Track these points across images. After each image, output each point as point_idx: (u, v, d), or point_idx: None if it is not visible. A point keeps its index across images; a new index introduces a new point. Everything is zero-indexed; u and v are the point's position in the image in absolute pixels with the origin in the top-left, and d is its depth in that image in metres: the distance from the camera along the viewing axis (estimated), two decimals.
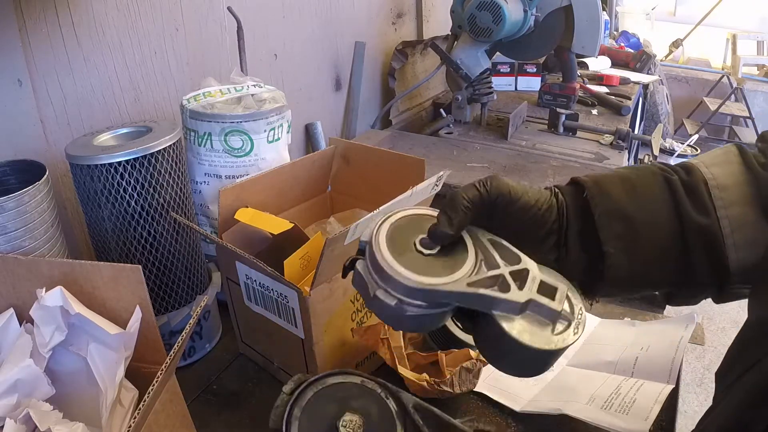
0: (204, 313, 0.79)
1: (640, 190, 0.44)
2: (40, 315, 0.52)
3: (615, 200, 0.43)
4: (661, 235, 0.42)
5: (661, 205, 0.43)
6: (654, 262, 0.43)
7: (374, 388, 0.42)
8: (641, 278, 0.44)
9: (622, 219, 0.43)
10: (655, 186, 0.44)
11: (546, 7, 1.61)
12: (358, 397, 0.41)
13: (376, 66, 1.76)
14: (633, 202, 0.43)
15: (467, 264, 0.41)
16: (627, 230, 0.42)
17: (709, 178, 0.43)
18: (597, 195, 0.44)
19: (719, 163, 0.44)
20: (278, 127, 0.84)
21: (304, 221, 0.89)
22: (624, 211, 0.43)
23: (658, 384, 0.65)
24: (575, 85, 1.81)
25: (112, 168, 0.65)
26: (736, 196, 0.42)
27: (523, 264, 0.41)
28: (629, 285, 0.45)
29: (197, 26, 1.04)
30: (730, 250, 0.41)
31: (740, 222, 0.41)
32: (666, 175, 0.44)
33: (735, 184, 0.42)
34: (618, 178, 0.45)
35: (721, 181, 0.42)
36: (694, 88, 4.56)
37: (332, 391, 0.41)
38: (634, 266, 0.43)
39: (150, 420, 0.48)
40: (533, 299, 0.40)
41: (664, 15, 4.95)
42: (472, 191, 0.43)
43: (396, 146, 1.54)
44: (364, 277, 0.41)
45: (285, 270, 0.62)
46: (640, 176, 0.45)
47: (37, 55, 0.78)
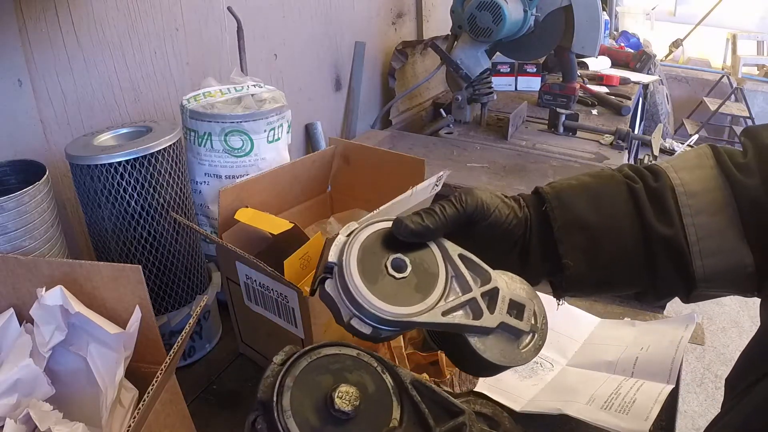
0: (204, 313, 0.79)
1: (604, 200, 0.44)
2: (40, 314, 0.52)
3: (576, 212, 0.43)
4: (623, 246, 0.42)
5: (625, 216, 0.43)
6: (617, 271, 0.43)
7: (370, 362, 0.41)
8: (605, 285, 0.45)
9: (583, 230, 0.43)
10: (618, 196, 0.43)
11: (546, 7, 1.61)
12: (353, 370, 0.40)
13: (376, 66, 1.76)
14: (595, 213, 0.43)
15: (439, 285, 0.42)
16: (588, 241, 0.43)
17: (677, 184, 0.42)
18: (557, 207, 0.44)
19: (690, 167, 0.43)
20: (278, 127, 0.84)
21: (304, 221, 0.89)
22: (585, 221, 0.43)
23: (658, 384, 0.65)
24: (575, 85, 1.81)
25: (112, 168, 0.65)
26: (705, 204, 0.41)
27: (493, 282, 0.42)
28: (593, 291, 0.46)
29: (197, 26, 1.04)
30: (695, 257, 0.41)
31: (707, 230, 0.40)
32: (630, 184, 0.44)
33: (704, 191, 0.41)
34: (581, 188, 0.45)
35: (689, 188, 0.42)
36: (694, 88, 4.57)
37: (326, 362, 0.41)
38: (595, 275, 0.43)
39: (150, 420, 0.48)
40: (504, 322, 0.41)
41: (664, 15, 4.95)
42: (450, 206, 0.43)
43: (396, 146, 1.54)
44: (335, 300, 0.41)
45: (285, 270, 0.62)
46: (603, 185, 0.45)
47: (37, 55, 0.78)
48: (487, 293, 0.42)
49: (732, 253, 0.40)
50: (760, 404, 0.36)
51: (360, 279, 0.40)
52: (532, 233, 0.45)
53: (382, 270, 0.41)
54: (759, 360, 0.39)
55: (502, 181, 1.32)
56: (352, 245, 0.41)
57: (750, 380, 0.38)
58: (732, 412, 0.39)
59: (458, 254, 0.43)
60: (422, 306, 0.40)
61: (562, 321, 0.84)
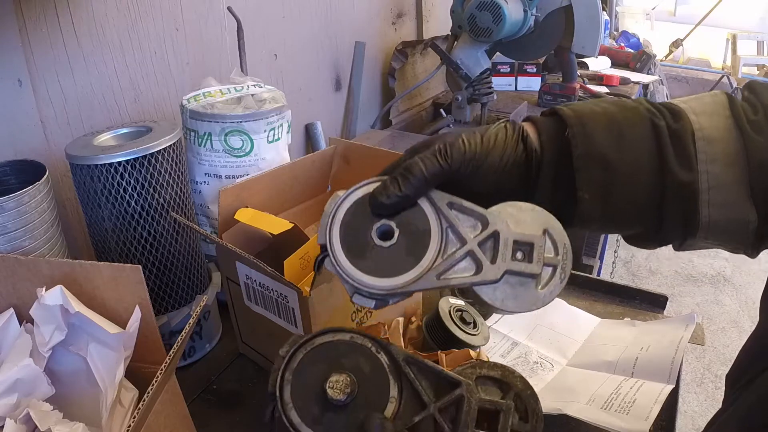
0: (204, 313, 0.79)
1: (627, 136, 0.41)
2: (40, 314, 0.52)
3: (598, 144, 0.40)
4: (639, 188, 0.40)
5: (646, 156, 0.40)
6: (627, 213, 0.41)
7: (364, 343, 0.40)
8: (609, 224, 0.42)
9: (602, 164, 0.40)
10: (642, 132, 0.41)
11: (546, 7, 1.61)
12: (347, 355, 0.40)
13: (376, 66, 1.76)
14: (616, 148, 0.40)
15: (432, 243, 0.39)
16: (606, 177, 0.40)
17: (696, 128, 0.41)
18: (580, 135, 0.40)
19: (708, 113, 0.42)
20: (278, 127, 0.84)
21: (304, 221, 0.89)
22: (606, 158, 0.40)
23: (658, 384, 0.65)
24: (575, 85, 1.82)
25: (112, 168, 0.65)
26: (720, 153, 0.40)
27: (492, 225, 0.39)
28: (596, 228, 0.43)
29: (197, 26, 1.05)
30: (703, 206, 0.40)
31: (718, 180, 0.39)
32: (654, 121, 0.41)
33: (721, 140, 0.40)
34: (606, 118, 0.42)
35: (707, 133, 0.40)
36: (694, 88, 4.56)
37: (321, 351, 0.41)
38: (605, 214, 0.41)
39: (150, 420, 0.48)
40: (509, 269, 0.38)
41: (664, 15, 4.95)
42: (432, 162, 0.39)
43: (396, 146, 1.54)
44: (336, 275, 0.40)
45: (285, 270, 0.62)
46: (628, 118, 0.42)
47: (37, 55, 0.78)
48: (486, 240, 0.39)
49: (737, 207, 0.39)
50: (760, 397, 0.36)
51: (345, 259, 0.38)
52: (543, 162, 0.41)
53: (369, 242, 0.39)
54: (759, 355, 0.39)
55: None
56: (333, 224, 0.40)
57: (750, 375, 0.38)
58: (733, 407, 0.39)
59: (446, 202, 0.40)
60: (416, 272, 0.38)
61: (562, 321, 0.84)
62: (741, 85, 4.14)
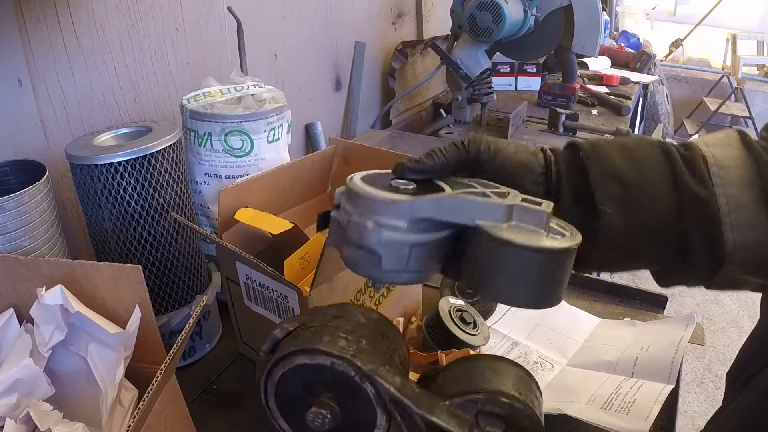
0: (204, 313, 0.79)
1: (638, 156, 0.42)
2: (40, 314, 0.52)
3: (612, 162, 0.42)
4: (657, 203, 0.41)
5: (659, 173, 0.42)
6: (649, 229, 0.42)
7: (347, 371, 0.37)
8: (635, 245, 0.42)
9: (618, 181, 0.41)
10: (654, 155, 0.43)
11: (546, 7, 1.61)
12: (329, 384, 0.38)
13: (376, 66, 1.76)
14: (630, 167, 0.42)
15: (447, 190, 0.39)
16: (623, 193, 0.41)
17: (708, 155, 0.42)
18: (593, 156, 0.42)
19: (720, 144, 0.43)
20: (278, 127, 0.84)
21: (304, 221, 0.89)
22: (621, 174, 0.41)
23: (658, 384, 0.65)
24: (575, 85, 1.82)
25: (112, 168, 0.65)
26: (735, 177, 0.41)
27: (505, 189, 0.39)
28: (624, 250, 0.42)
29: (197, 26, 1.05)
30: (726, 229, 0.40)
31: (738, 203, 0.40)
32: (664, 147, 0.43)
33: (734, 166, 0.41)
34: (616, 144, 0.44)
35: (720, 161, 0.41)
36: (694, 88, 4.57)
37: (301, 374, 0.38)
38: (628, 230, 0.41)
39: (150, 420, 0.48)
40: (517, 204, 0.37)
41: (664, 15, 4.95)
42: (451, 148, 0.42)
43: (396, 146, 1.54)
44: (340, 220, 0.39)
45: (285, 270, 0.62)
46: (638, 145, 0.44)
47: (37, 55, 0.78)
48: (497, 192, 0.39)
49: (762, 228, 0.40)
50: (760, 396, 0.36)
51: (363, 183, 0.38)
52: (561, 179, 0.43)
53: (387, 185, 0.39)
54: (758, 353, 0.39)
55: None
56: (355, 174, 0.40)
57: (750, 373, 0.38)
58: (733, 405, 0.39)
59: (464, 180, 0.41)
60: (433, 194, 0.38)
61: (562, 321, 0.84)
62: (741, 84, 4.14)
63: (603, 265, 0.44)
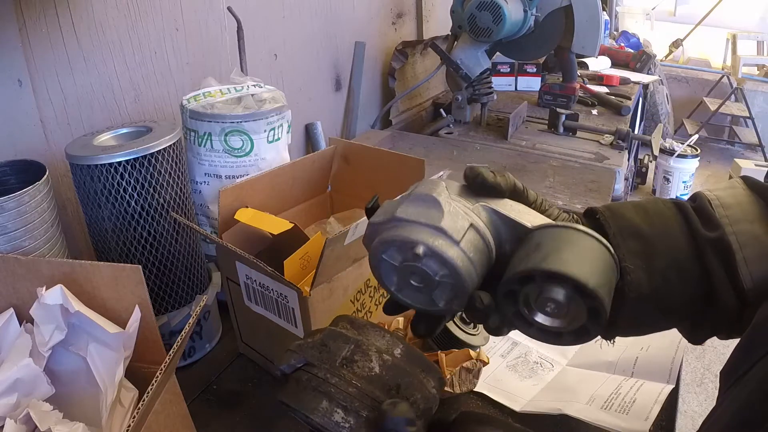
0: (204, 313, 0.79)
1: (652, 212, 0.45)
2: (40, 314, 0.52)
3: (628, 220, 0.44)
4: (677, 253, 0.43)
5: (674, 224, 0.44)
6: (674, 280, 0.43)
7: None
8: (663, 300, 0.43)
9: (637, 237, 0.43)
10: (666, 209, 0.45)
11: (546, 7, 1.61)
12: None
13: (376, 66, 1.76)
14: (646, 222, 0.44)
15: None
16: (643, 248, 0.43)
17: (712, 198, 0.44)
18: (609, 217, 0.45)
19: (723, 188, 0.46)
20: (278, 127, 0.84)
21: (304, 221, 0.89)
22: (638, 229, 0.43)
23: (658, 384, 0.65)
24: (575, 85, 1.81)
25: (112, 168, 0.65)
26: (741, 214, 0.43)
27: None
28: (653, 307, 0.43)
29: (197, 26, 1.04)
30: (741, 265, 0.41)
31: (748, 237, 0.42)
32: (677, 202, 0.46)
33: (738, 204, 0.43)
34: (630, 204, 0.46)
35: (724, 201, 0.44)
36: (694, 88, 4.56)
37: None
38: (654, 284, 0.42)
39: (150, 420, 0.48)
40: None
41: (664, 15, 4.95)
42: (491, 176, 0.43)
43: (396, 146, 1.54)
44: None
45: (285, 270, 0.62)
46: (650, 202, 0.46)
47: (37, 55, 0.78)
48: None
49: None
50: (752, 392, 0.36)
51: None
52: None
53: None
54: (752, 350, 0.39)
55: None
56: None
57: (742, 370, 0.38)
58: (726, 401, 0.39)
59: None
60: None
61: None
62: (741, 84, 4.14)
63: (634, 326, 0.45)
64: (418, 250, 0.38)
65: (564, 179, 1.33)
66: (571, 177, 1.34)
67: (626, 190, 1.95)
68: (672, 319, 0.46)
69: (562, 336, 0.39)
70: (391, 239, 0.40)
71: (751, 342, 0.40)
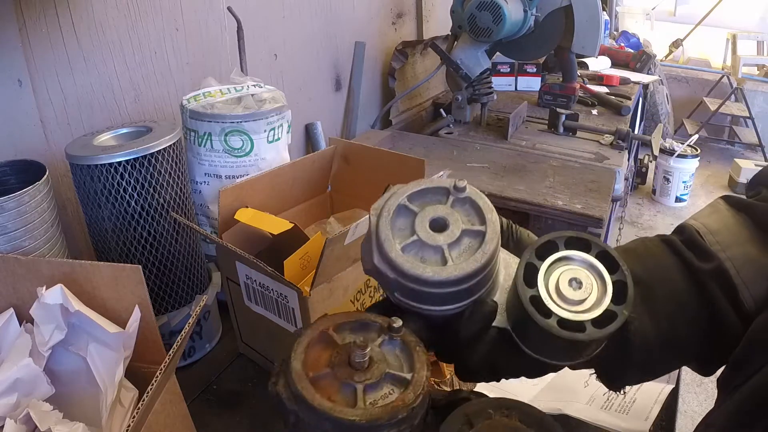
0: (204, 313, 0.79)
1: (643, 253, 0.44)
2: (40, 313, 0.52)
3: None
4: (677, 293, 0.42)
5: (668, 264, 0.43)
6: (678, 320, 0.42)
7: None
8: (670, 340, 0.42)
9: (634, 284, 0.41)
10: (656, 248, 0.44)
11: (546, 7, 1.61)
12: None
13: (376, 66, 1.76)
14: (640, 266, 0.42)
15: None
16: (642, 292, 0.41)
17: (698, 227, 0.43)
18: None
19: (707, 214, 0.45)
20: (278, 127, 0.84)
21: (304, 221, 0.89)
22: (635, 275, 0.41)
23: (658, 384, 0.65)
24: (575, 85, 1.81)
25: (112, 168, 0.65)
26: (731, 237, 0.42)
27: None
28: (660, 350, 0.42)
29: (197, 26, 1.04)
30: (741, 289, 0.41)
31: (743, 260, 0.41)
32: (663, 238, 0.45)
33: (726, 227, 0.43)
34: (620, 250, 0.44)
35: (711, 228, 0.43)
36: (694, 88, 4.57)
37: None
38: (659, 328, 0.41)
39: (150, 420, 0.48)
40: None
41: (664, 15, 4.95)
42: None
43: (396, 146, 1.54)
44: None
45: (285, 270, 0.62)
46: (638, 245, 0.45)
47: (37, 55, 0.78)
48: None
49: None
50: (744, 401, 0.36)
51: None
52: None
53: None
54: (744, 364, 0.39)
55: (502, 181, 1.32)
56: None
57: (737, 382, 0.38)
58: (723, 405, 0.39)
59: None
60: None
61: None
62: (741, 84, 4.14)
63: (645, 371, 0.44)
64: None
65: (564, 179, 1.33)
66: (571, 177, 1.34)
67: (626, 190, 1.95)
68: (681, 358, 0.45)
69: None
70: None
71: (747, 352, 0.40)
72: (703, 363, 0.46)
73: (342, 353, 0.36)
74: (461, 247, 0.38)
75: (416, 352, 0.37)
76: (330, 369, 0.35)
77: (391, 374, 0.35)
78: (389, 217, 0.38)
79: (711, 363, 0.45)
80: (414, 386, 0.35)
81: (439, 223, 0.38)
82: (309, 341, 0.37)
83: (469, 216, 0.39)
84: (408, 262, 0.36)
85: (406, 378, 0.35)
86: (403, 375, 0.35)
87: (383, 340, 0.37)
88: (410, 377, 0.35)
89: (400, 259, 0.36)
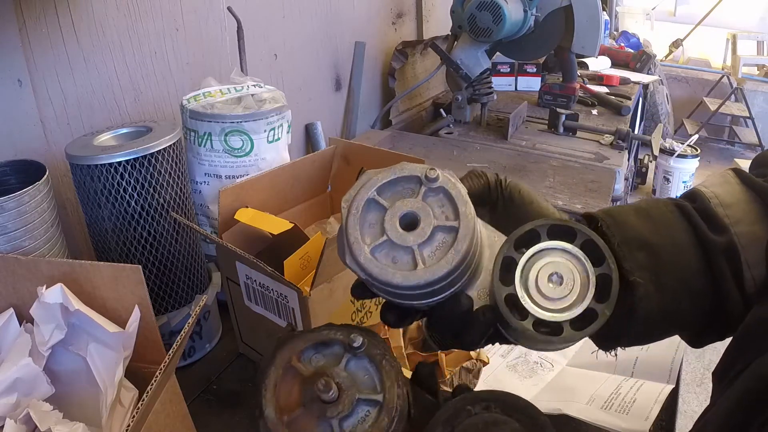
0: (204, 313, 0.79)
1: (656, 217, 0.42)
2: (40, 313, 0.52)
3: (633, 229, 0.41)
4: (686, 265, 0.40)
5: (680, 231, 0.41)
6: (683, 294, 0.41)
7: None
8: (672, 313, 0.41)
9: (643, 248, 0.40)
10: (669, 214, 0.42)
11: (546, 7, 1.61)
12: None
13: (376, 66, 1.76)
14: (652, 231, 0.41)
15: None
16: (650, 259, 0.40)
17: (710, 196, 0.42)
18: (612, 225, 0.41)
19: (718, 183, 0.43)
20: (278, 127, 0.84)
21: (304, 221, 0.89)
22: (645, 239, 0.40)
23: (658, 384, 0.65)
24: (575, 85, 1.81)
25: (112, 168, 0.65)
26: (741, 214, 0.41)
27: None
28: (661, 320, 0.41)
29: (197, 26, 1.04)
30: (744, 269, 0.40)
31: (749, 239, 0.40)
32: (677, 203, 0.43)
33: (737, 202, 0.41)
34: (631, 208, 0.43)
35: (723, 199, 0.42)
36: (694, 88, 4.57)
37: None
38: (664, 298, 0.40)
39: (150, 420, 0.48)
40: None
41: (664, 15, 4.95)
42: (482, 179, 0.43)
43: (396, 146, 1.54)
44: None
45: (285, 270, 0.62)
46: (652, 206, 0.43)
47: (37, 55, 0.78)
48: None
49: None
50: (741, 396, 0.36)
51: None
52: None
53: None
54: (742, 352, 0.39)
55: None
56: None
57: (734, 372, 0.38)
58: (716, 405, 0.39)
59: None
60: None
61: None
62: (741, 84, 4.14)
63: (639, 338, 0.43)
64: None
65: (564, 179, 1.33)
66: (571, 177, 1.34)
67: (626, 190, 1.95)
68: (678, 328, 0.44)
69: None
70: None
71: (742, 345, 0.39)
72: (696, 335, 0.45)
73: (310, 387, 0.35)
74: (434, 243, 0.36)
75: (383, 367, 0.36)
76: (303, 407, 0.35)
77: (363, 399, 0.35)
78: (358, 214, 0.37)
79: (704, 335, 0.45)
80: (386, 409, 0.34)
81: (410, 220, 0.37)
82: (275, 380, 0.36)
83: (443, 207, 0.37)
84: (377, 267, 0.35)
85: (377, 401, 0.35)
86: (374, 398, 0.35)
87: (348, 358, 0.37)
88: (381, 399, 0.35)
89: (369, 264, 0.36)
